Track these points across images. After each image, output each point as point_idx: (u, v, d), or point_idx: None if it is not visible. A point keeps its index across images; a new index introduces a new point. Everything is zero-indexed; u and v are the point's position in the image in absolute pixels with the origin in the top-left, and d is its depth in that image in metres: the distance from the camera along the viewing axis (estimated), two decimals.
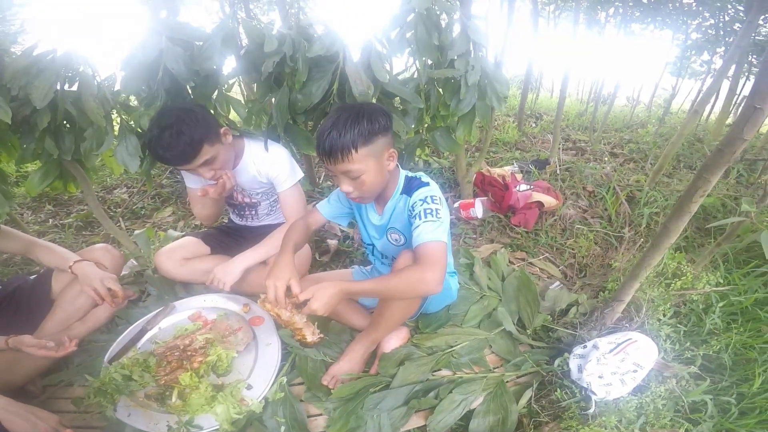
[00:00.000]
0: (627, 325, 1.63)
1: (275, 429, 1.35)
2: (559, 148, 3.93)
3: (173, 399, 1.36)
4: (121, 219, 3.05)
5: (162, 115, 1.52)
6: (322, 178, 3.39)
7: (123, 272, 2.11)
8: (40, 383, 1.56)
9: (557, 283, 2.08)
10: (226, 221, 2.28)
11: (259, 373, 1.45)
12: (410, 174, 1.45)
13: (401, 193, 1.43)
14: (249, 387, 1.40)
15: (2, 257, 2.57)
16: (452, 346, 1.64)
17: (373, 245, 1.65)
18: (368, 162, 1.28)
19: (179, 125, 1.47)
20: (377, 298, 1.49)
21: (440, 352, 1.61)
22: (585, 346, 1.47)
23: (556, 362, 1.51)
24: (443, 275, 1.22)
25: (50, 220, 3.05)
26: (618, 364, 1.36)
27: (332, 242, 2.38)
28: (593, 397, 1.34)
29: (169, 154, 1.49)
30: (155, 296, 1.93)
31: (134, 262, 2.20)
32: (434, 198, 1.33)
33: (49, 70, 1.43)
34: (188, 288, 1.99)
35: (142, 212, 3.16)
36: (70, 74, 1.50)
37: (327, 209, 1.63)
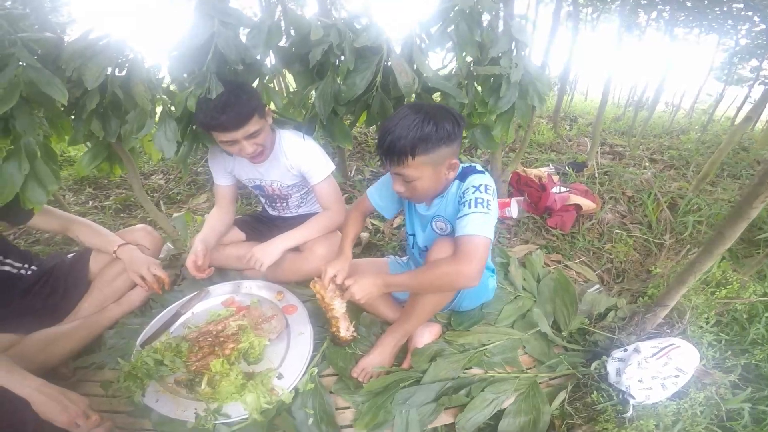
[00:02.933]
0: (668, 330, 1.58)
1: (303, 420, 1.33)
2: (597, 152, 3.83)
3: (203, 386, 1.36)
4: (161, 203, 3.12)
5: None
6: (353, 172, 3.39)
7: (160, 255, 2.13)
8: (72, 365, 1.58)
9: (597, 286, 2.03)
10: (260, 210, 2.30)
11: (290, 362, 1.45)
12: (465, 164, 1.41)
13: (454, 180, 1.39)
14: (280, 376, 1.39)
15: (44, 236, 2.64)
16: (485, 345, 1.61)
17: (414, 235, 1.62)
18: (424, 170, 1.25)
19: (236, 90, 1.50)
20: (413, 291, 1.45)
21: (472, 350, 1.59)
22: (625, 350, 1.43)
23: (593, 365, 1.48)
24: (482, 270, 1.19)
25: (90, 202, 3.14)
26: (660, 368, 1.33)
27: (363, 235, 2.37)
28: (631, 401, 1.31)
29: (225, 117, 1.48)
30: (190, 281, 1.95)
31: (170, 245, 2.23)
32: (488, 188, 1.28)
33: (102, 53, 1.45)
34: (222, 274, 2.00)
35: (178, 198, 3.22)
36: (121, 60, 1.52)
37: (376, 197, 1.61)
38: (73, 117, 1.65)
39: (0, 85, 1.29)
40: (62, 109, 1.55)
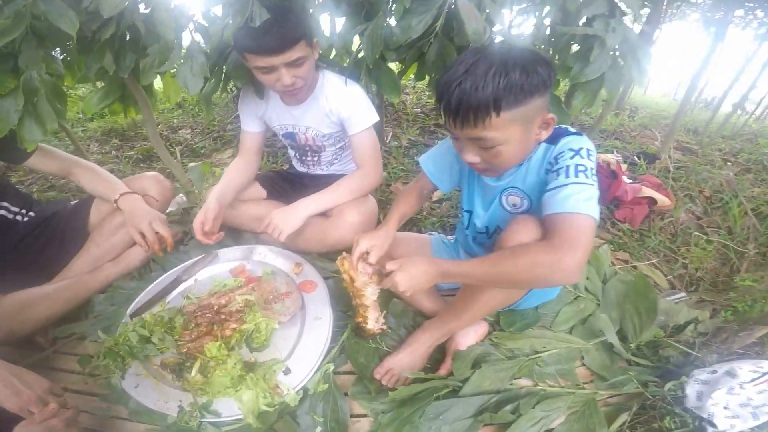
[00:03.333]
0: (759, 352, 1.35)
1: (309, 427, 1.08)
2: (672, 146, 3.41)
3: (193, 372, 1.13)
4: (179, 155, 2.98)
5: None
6: (389, 138, 3.10)
7: (170, 208, 1.94)
8: (52, 333, 1.38)
9: (681, 294, 1.71)
10: (287, 168, 2.07)
11: (301, 354, 1.18)
12: None
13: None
14: (287, 371, 1.13)
15: (59, 182, 2.52)
16: (538, 352, 1.34)
17: (472, 212, 1.30)
18: (512, 130, 0.92)
19: (283, 12, 1.32)
20: (483, 284, 1.09)
21: (523, 357, 1.32)
22: (714, 371, 1.20)
23: (667, 385, 1.24)
24: (585, 262, 0.87)
25: (114, 152, 3.09)
26: (754, 395, 1.14)
27: None
28: (710, 430, 1.12)
29: (268, 37, 1.29)
30: (198, 241, 1.70)
31: (183, 198, 2.03)
32: (590, 153, 0.95)
33: None
34: (236, 236, 1.77)
35: (202, 152, 3.06)
36: None
37: (430, 165, 1.30)
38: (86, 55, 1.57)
39: (6, 15, 1.22)
40: (75, 44, 1.52)
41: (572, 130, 1.01)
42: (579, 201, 0.88)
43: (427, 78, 1.71)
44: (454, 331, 1.26)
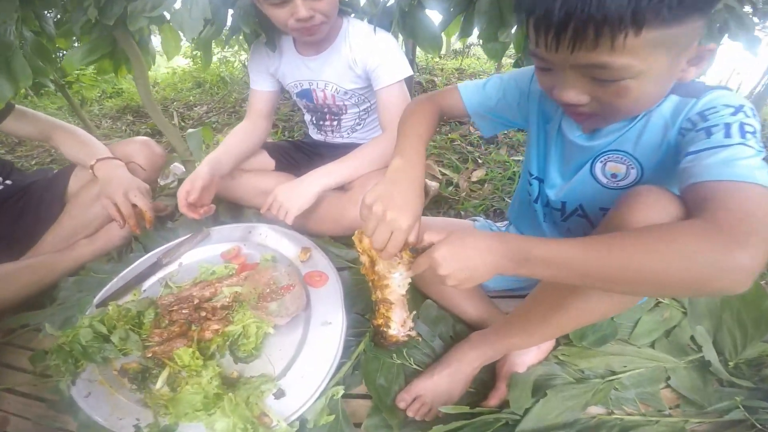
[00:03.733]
0: None
1: None
2: None
3: (158, 384, 0.85)
4: (177, 119, 2.86)
5: None
6: None
7: (167, 180, 1.73)
8: (4, 322, 1.16)
9: None
10: (302, 138, 1.80)
11: (301, 371, 0.87)
12: None
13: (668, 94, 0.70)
14: (279, 394, 0.82)
15: (60, 156, 2.37)
16: (616, 373, 1.03)
17: (543, 180, 0.94)
18: (653, 58, 0.57)
19: None
20: (583, 281, 0.61)
21: (598, 379, 1.01)
22: None
23: None
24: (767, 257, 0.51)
25: (125, 128, 2.99)
26: None
27: (432, 184, 1.70)
28: None
29: None
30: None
31: (180, 166, 1.79)
32: (755, 114, 0.61)
33: None
34: (235, 212, 1.49)
35: (214, 126, 2.86)
36: None
37: (474, 96, 0.95)
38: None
39: None
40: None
41: (713, 85, 0.66)
42: (751, 168, 0.53)
43: (474, 32, 1.39)
44: (515, 349, 0.93)
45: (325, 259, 1.12)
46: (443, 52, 3.98)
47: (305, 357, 0.89)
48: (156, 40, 1.78)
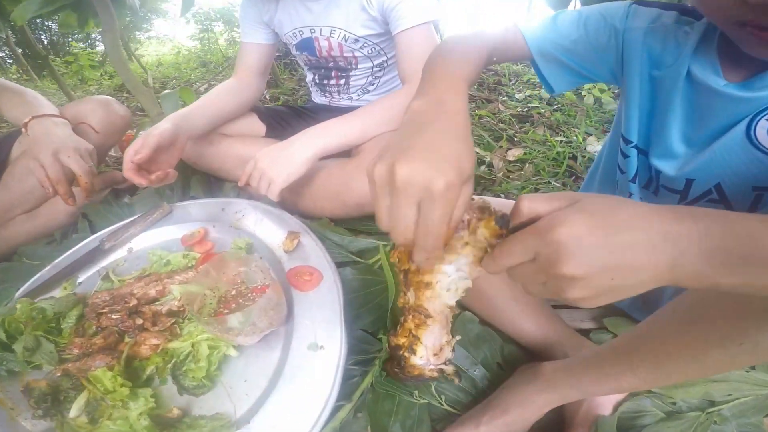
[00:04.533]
0: None
1: None
2: None
3: (73, 412, 0.59)
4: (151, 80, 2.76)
5: None
6: None
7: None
8: None
9: None
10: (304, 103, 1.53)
11: (275, 414, 0.57)
12: None
13: None
14: None
15: None
16: (716, 404, 0.82)
17: (644, 152, 0.65)
18: None
19: None
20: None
21: (697, 412, 0.79)
22: None
23: None
24: None
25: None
26: None
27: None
28: None
29: None
30: (152, 190, 1.16)
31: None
32: None
33: None
34: (211, 186, 1.23)
35: None
36: None
37: (540, 32, 0.68)
38: None
39: None
40: None
41: None
42: None
43: None
44: (620, 392, 0.67)
45: (319, 250, 0.81)
46: None
47: (282, 394, 0.59)
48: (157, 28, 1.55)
